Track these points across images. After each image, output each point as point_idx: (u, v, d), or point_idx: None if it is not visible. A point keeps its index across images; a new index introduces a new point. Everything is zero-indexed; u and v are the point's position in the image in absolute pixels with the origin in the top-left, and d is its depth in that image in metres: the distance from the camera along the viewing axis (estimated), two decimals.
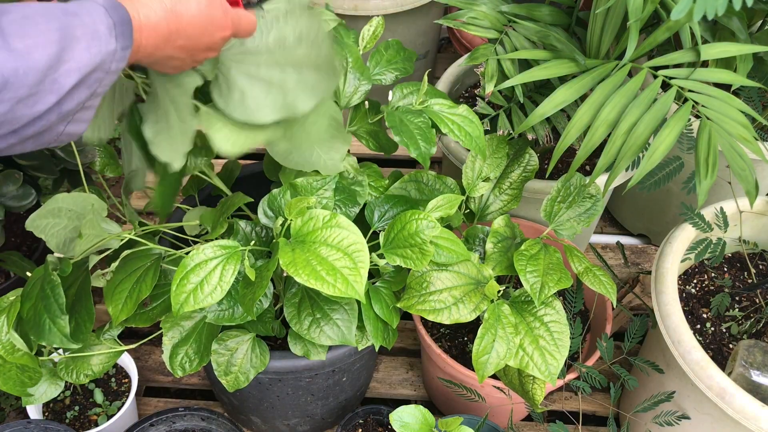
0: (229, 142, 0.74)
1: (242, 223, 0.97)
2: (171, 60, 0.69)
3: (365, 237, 1.04)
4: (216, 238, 0.92)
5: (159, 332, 1.02)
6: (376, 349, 0.97)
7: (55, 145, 0.65)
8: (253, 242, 0.91)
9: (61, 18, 0.57)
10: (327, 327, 0.94)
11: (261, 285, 0.85)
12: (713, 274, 1.22)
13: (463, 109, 1.00)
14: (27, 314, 0.89)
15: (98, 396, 1.29)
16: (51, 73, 0.56)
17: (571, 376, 1.09)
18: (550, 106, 0.93)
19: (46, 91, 0.56)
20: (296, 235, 0.85)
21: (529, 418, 1.36)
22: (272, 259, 0.85)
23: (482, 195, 1.14)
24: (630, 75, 0.93)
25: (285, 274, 0.97)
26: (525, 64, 1.04)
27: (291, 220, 0.86)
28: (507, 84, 0.97)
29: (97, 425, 1.24)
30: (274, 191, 0.92)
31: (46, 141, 0.61)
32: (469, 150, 1.07)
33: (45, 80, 0.56)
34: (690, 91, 0.91)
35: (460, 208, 1.10)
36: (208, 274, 0.83)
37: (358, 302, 0.96)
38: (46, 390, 1.11)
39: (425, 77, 1.00)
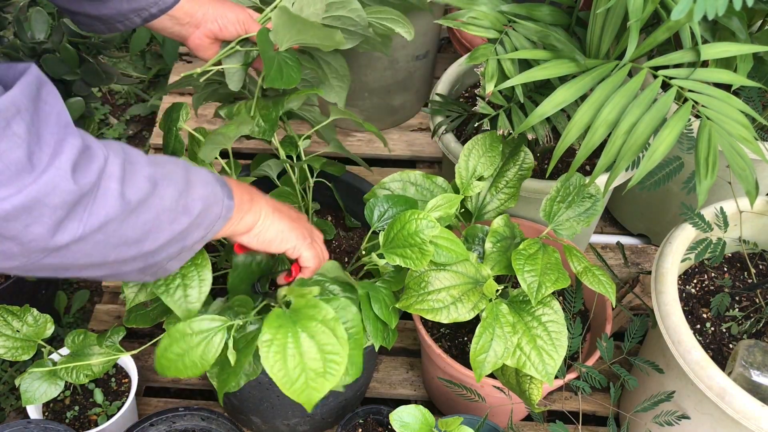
0: None
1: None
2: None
3: (365, 236, 1.04)
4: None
5: (161, 334, 1.02)
6: (376, 349, 0.97)
7: (149, 280, 0.76)
8: (240, 319, 0.88)
9: (183, 165, 0.72)
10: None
11: (236, 370, 0.83)
12: (713, 274, 1.22)
13: None
14: None
15: (98, 396, 1.29)
16: (182, 199, 0.68)
17: (570, 376, 1.09)
18: (550, 106, 0.93)
19: (181, 212, 0.69)
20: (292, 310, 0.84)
21: (529, 418, 1.36)
22: (252, 341, 0.84)
23: (479, 194, 1.14)
24: (630, 75, 0.93)
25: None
26: (525, 64, 1.04)
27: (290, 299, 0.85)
28: (507, 84, 0.97)
29: (97, 425, 1.24)
30: None
31: (152, 273, 0.73)
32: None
33: (178, 205, 0.68)
34: (690, 91, 0.91)
35: (456, 207, 1.10)
36: (190, 349, 0.82)
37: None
38: (46, 390, 1.11)
39: None
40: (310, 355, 0.78)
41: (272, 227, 0.85)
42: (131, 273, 0.70)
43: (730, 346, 1.11)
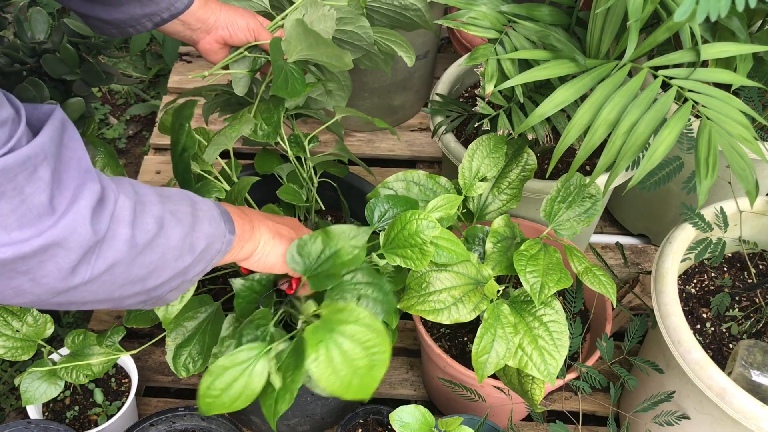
0: None
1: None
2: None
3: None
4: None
5: (161, 334, 1.02)
6: None
7: (148, 308, 0.78)
8: (283, 340, 0.85)
9: (190, 200, 0.74)
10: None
11: (285, 396, 0.81)
12: (713, 274, 1.22)
13: None
14: None
15: (98, 396, 1.29)
16: (188, 238, 0.70)
17: (571, 375, 1.09)
18: (550, 106, 0.93)
19: (186, 251, 0.71)
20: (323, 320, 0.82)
21: (529, 418, 1.36)
22: (300, 360, 0.81)
23: (481, 195, 1.14)
24: (630, 75, 0.93)
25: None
26: (525, 64, 1.04)
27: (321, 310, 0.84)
28: (507, 84, 0.97)
29: (97, 425, 1.24)
30: (305, 237, 0.90)
31: (152, 304, 0.75)
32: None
33: (184, 243, 0.70)
34: (690, 91, 0.91)
35: (457, 208, 1.10)
36: (233, 380, 0.81)
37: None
38: (46, 390, 1.11)
39: None
40: (355, 356, 0.77)
41: (273, 252, 0.86)
42: (132, 304, 0.72)
43: (730, 346, 1.12)
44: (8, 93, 0.57)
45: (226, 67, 1.06)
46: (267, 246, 0.85)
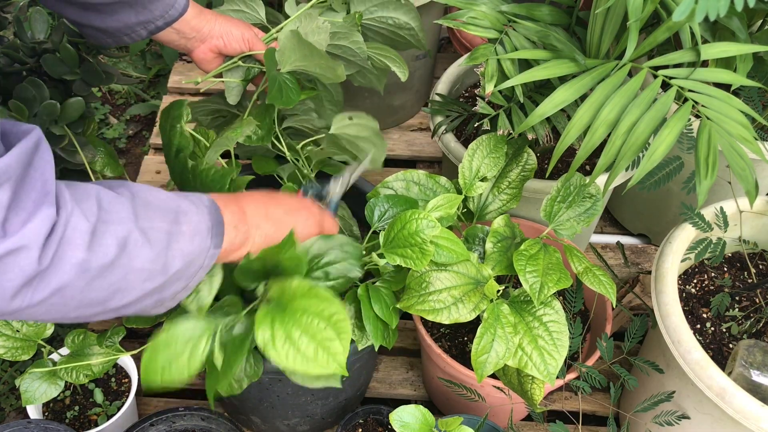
0: None
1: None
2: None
3: (365, 236, 1.04)
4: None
5: None
6: (376, 348, 0.97)
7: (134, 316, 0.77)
8: (229, 318, 0.86)
9: (175, 214, 0.69)
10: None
11: (227, 373, 0.81)
12: (713, 274, 1.22)
13: None
14: None
15: (98, 396, 1.29)
16: (159, 259, 0.66)
17: (571, 375, 1.09)
18: (550, 106, 0.93)
19: (158, 272, 0.67)
20: (276, 299, 0.82)
21: (529, 418, 1.36)
22: (246, 336, 0.82)
23: (481, 194, 1.14)
24: (630, 75, 0.93)
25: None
26: (525, 64, 1.04)
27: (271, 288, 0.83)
28: (507, 84, 0.97)
29: (97, 425, 1.24)
30: (245, 261, 0.88)
31: (129, 316, 0.73)
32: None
33: (154, 265, 0.66)
34: (690, 91, 0.91)
35: (457, 207, 1.10)
36: (177, 355, 0.80)
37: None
38: (46, 390, 1.11)
39: None
40: (317, 328, 0.76)
41: (266, 238, 0.83)
42: (105, 318, 0.69)
43: (730, 346, 1.11)
44: None
45: (219, 75, 1.07)
46: (259, 240, 0.82)
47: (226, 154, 1.05)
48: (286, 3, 1.10)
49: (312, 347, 0.76)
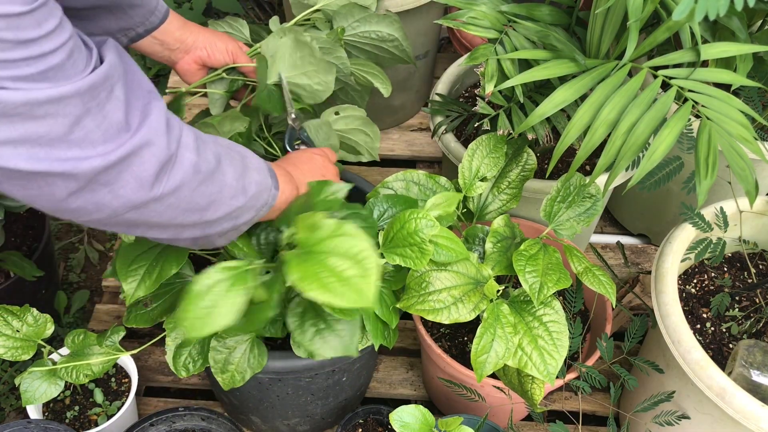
0: None
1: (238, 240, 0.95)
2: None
3: None
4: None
5: (161, 334, 1.02)
6: (376, 348, 0.97)
7: (197, 248, 0.85)
8: (260, 261, 0.87)
9: (240, 153, 0.79)
10: (330, 338, 0.93)
11: (268, 303, 0.83)
12: (713, 274, 1.22)
13: None
14: None
15: (98, 396, 1.29)
16: (241, 180, 0.76)
17: (571, 375, 1.09)
18: (550, 106, 0.93)
19: (240, 191, 0.76)
20: (303, 245, 0.82)
21: (529, 418, 1.36)
22: (279, 275, 0.84)
23: (481, 194, 1.14)
24: (630, 75, 0.93)
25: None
26: (525, 64, 1.04)
27: (299, 233, 0.84)
28: (507, 84, 0.97)
29: (97, 425, 1.24)
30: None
31: (202, 243, 0.80)
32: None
33: (238, 183, 0.75)
34: (690, 91, 0.91)
35: (457, 207, 1.10)
36: (218, 297, 0.79)
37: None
38: (46, 390, 1.11)
39: None
40: (343, 267, 0.77)
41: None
42: (187, 240, 0.77)
43: (730, 346, 1.11)
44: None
45: (204, 86, 1.08)
46: (302, 188, 0.92)
47: None
48: (271, 21, 1.11)
49: (339, 286, 0.77)
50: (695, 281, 1.21)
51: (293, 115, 1.07)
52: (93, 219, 0.66)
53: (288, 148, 1.07)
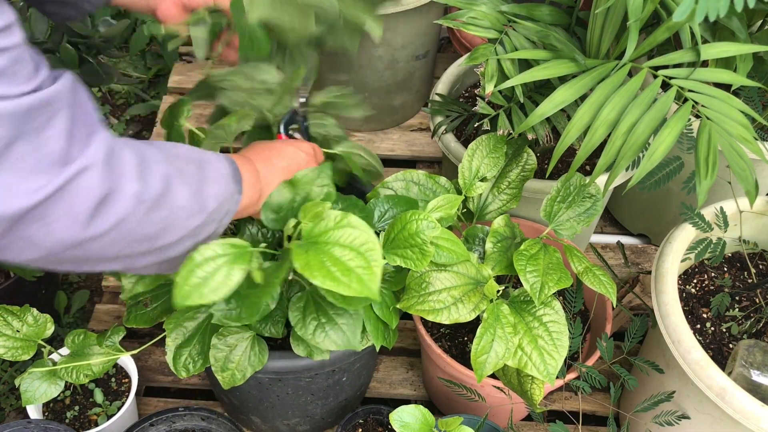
0: None
1: (249, 225, 0.97)
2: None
3: None
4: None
5: (161, 334, 1.02)
6: (377, 348, 0.97)
7: (167, 272, 0.78)
8: (263, 245, 0.89)
9: (199, 161, 0.74)
10: (332, 332, 0.93)
11: (268, 289, 0.83)
12: (713, 274, 1.22)
13: None
14: None
15: (98, 396, 1.29)
16: (197, 197, 0.70)
17: (571, 375, 1.09)
18: (550, 106, 0.93)
19: (198, 210, 0.71)
20: (307, 236, 0.84)
21: (529, 418, 1.36)
22: (283, 262, 0.85)
23: (481, 194, 1.14)
24: (630, 75, 0.93)
25: (290, 278, 0.96)
26: (525, 64, 1.04)
27: (304, 223, 0.85)
28: (507, 84, 0.97)
29: (97, 425, 1.24)
30: (275, 192, 0.91)
31: (167, 267, 0.75)
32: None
33: (193, 203, 0.70)
34: (690, 91, 0.91)
35: (457, 207, 1.10)
36: (215, 270, 0.79)
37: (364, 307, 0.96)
38: (46, 390, 1.11)
39: None
40: (348, 257, 0.78)
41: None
42: (146, 266, 0.72)
43: (730, 346, 1.12)
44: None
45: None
46: (268, 189, 0.87)
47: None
48: None
49: (345, 276, 0.78)
50: (695, 281, 1.21)
51: (302, 99, 1.04)
52: (24, 258, 0.60)
53: (282, 131, 1.04)
